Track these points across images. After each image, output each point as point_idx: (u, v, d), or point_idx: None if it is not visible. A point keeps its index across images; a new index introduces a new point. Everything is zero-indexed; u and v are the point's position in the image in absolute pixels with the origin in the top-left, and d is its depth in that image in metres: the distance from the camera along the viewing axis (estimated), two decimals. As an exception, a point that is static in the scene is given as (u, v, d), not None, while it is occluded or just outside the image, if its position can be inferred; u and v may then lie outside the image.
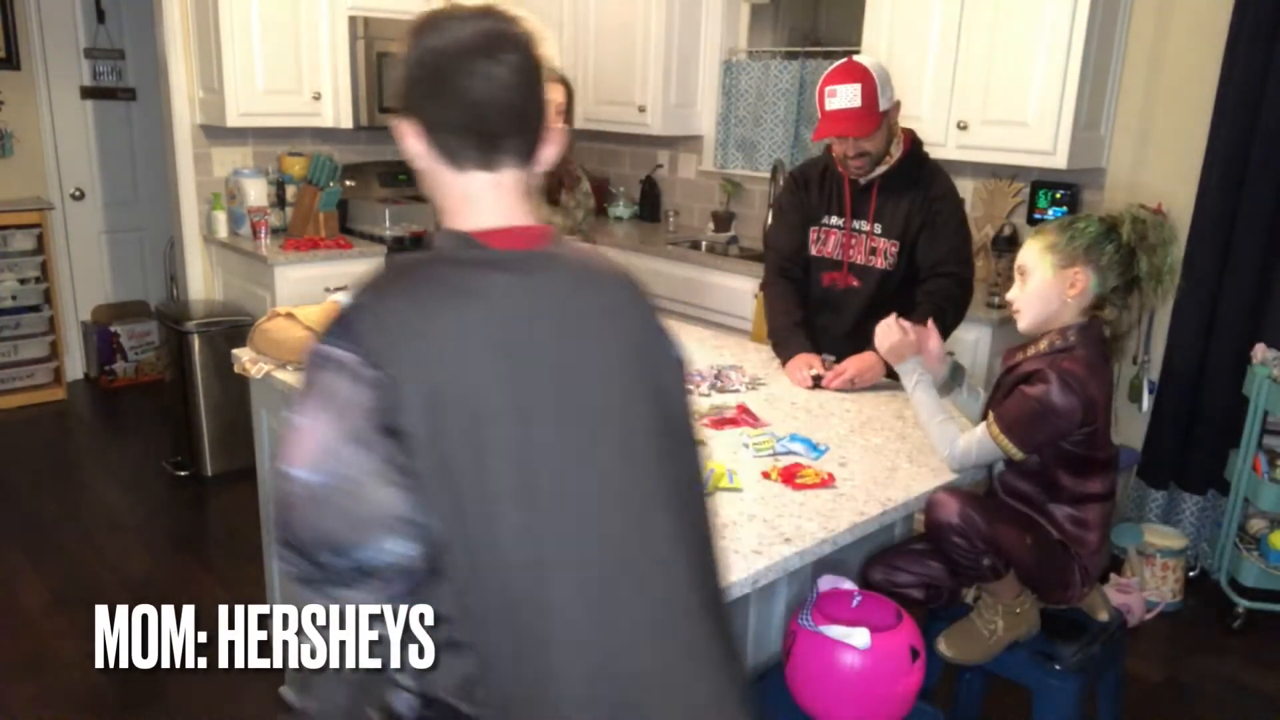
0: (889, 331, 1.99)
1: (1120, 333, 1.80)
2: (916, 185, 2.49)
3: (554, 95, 2.89)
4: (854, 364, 2.38)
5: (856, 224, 2.55)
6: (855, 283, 2.57)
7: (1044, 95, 3.27)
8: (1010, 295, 1.87)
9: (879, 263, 2.54)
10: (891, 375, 2.34)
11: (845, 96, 2.37)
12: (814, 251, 2.64)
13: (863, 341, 2.38)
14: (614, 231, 4.68)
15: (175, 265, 4.59)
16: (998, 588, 1.81)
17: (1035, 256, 1.80)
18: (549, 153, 1.16)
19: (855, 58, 2.45)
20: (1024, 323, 1.84)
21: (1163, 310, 3.41)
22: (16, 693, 2.61)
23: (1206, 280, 3.25)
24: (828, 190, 2.60)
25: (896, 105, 2.46)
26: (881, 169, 2.50)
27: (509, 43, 1.09)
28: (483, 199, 1.11)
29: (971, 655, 1.84)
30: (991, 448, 1.78)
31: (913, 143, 2.53)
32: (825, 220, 2.61)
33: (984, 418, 1.83)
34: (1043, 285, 1.78)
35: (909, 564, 1.88)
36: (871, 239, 2.54)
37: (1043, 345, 1.80)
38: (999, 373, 1.92)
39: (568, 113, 2.78)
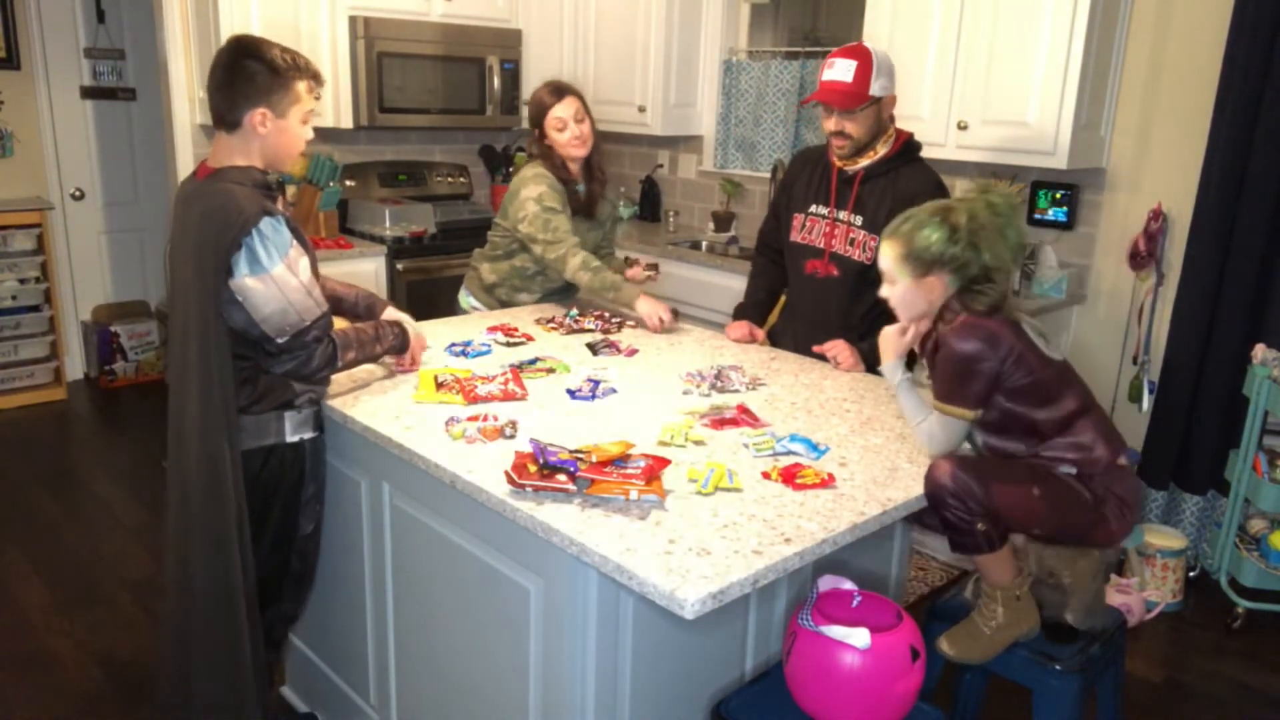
0: (891, 330, 2.00)
1: (995, 304, 1.82)
2: (900, 183, 2.52)
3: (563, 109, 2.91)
4: (846, 357, 2.51)
5: (840, 214, 2.61)
6: (835, 272, 2.63)
7: (1044, 95, 3.27)
8: (882, 293, 1.93)
9: (857, 254, 2.58)
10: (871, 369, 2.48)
11: (839, 70, 2.47)
12: (799, 239, 2.70)
13: (844, 333, 2.58)
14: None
15: (175, 265, 4.59)
16: (992, 567, 1.80)
17: (892, 267, 1.86)
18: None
19: (866, 43, 2.47)
20: (901, 320, 1.94)
21: (1163, 310, 3.42)
22: (16, 693, 2.61)
23: (1207, 280, 3.25)
24: (818, 178, 2.67)
25: (891, 99, 2.50)
26: (866, 161, 2.55)
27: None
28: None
29: (973, 654, 1.84)
30: (948, 422, 1.83)
31: (906, 144, 2.55)
32: (812, 209, 2.67)
33: None
34: (906, 293, 1.87)
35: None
36: (851, 230, 2.59)
37: (940, 326, 1.88)
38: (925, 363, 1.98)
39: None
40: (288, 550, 2.11)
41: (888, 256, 1.86)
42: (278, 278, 1.85)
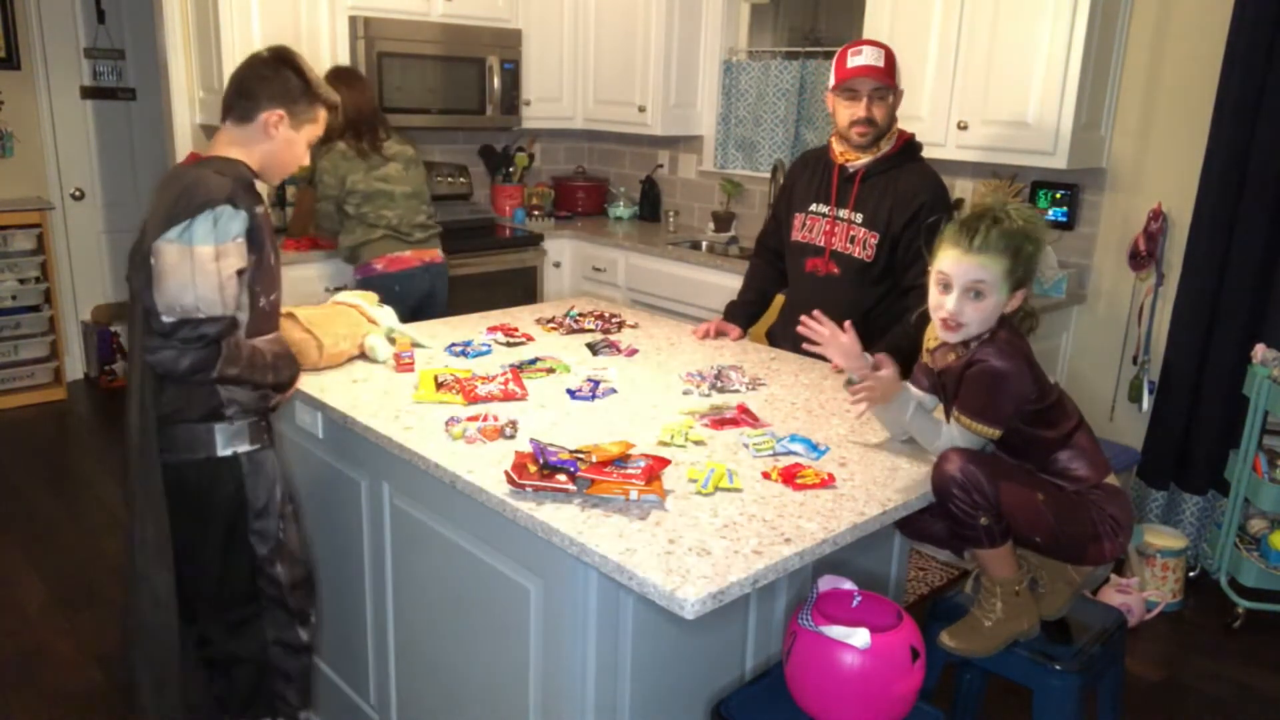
0: (887, 371, 1.90)
1: (1028, 312, 1.84)
2: (901, 182, 2.53)
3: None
4: (881, 386, 2.35)
5: (840, 212, 2.61)
6: (835, 270, 2.63)
7: (1044, 95, 3.27)
8: (952, 308, 1.76)
9: (857, 251, 2.58)
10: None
11: (869, 55, 2.50)
12: (800, 237, 2.70)
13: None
14: (614, 231, 4.68)
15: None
16: (992, 562, 1.80)
17: (997, 279, 1.74)
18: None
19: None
20: (966, 335, 1.79)
21: (1163, 310, 3.42)
22: (16, 693, 2.62)
23: (1207, 281, 3.25)
24: (819, 177, 2.68)
25: (901, 95, 2.56)
26: (868, 158, 2.56)
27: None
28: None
29: (973, 647, 1.85)
30: (971, 438, 1.79)
31: (908, 144, 2.57)
32: (813, 207, 2.68)
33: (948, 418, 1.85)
34: (998, 306, 1.77)
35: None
36: (852, 227, 2.59)
37: (972, 345, 1.80)
38: (933, 379, 1.91)
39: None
40: (245, 572, 1.99)
41: (993, 270, 1.73)
42: (197, 254, 1.75)
